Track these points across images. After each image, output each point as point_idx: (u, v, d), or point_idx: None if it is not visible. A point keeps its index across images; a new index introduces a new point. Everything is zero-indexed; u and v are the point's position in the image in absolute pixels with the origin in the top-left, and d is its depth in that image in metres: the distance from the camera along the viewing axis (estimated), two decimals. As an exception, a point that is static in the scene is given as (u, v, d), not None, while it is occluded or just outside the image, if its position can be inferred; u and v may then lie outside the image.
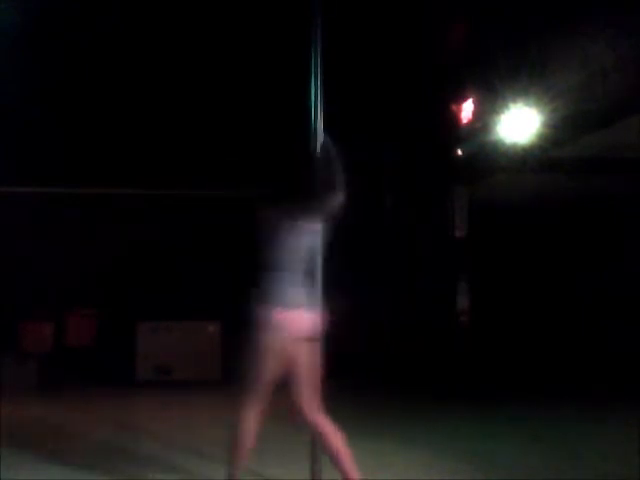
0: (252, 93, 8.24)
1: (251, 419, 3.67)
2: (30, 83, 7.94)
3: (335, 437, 3.58)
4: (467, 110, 7.67)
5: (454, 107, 7.87)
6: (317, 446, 3.78)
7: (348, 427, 5.36)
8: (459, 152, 8.19)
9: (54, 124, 8.56)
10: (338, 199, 3.55)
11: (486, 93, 7.24)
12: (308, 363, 3.55)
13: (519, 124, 6.86)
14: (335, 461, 3.58)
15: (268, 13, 7.41)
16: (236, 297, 9.50)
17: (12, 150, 8.10)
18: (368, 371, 8.36)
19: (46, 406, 7.14)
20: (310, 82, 3.80)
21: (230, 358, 8.59)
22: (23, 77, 7.79)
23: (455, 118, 7.86)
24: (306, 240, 3.57)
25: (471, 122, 7.66)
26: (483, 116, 7.44)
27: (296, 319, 3.48)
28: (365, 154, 8.34)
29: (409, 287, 9.31)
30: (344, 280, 8.25)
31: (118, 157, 8.92)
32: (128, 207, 9.45)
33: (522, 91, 6.63)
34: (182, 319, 8.65)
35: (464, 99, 7.68)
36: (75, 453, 4.87)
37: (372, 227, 9.26)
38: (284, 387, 3.73)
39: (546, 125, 6.67)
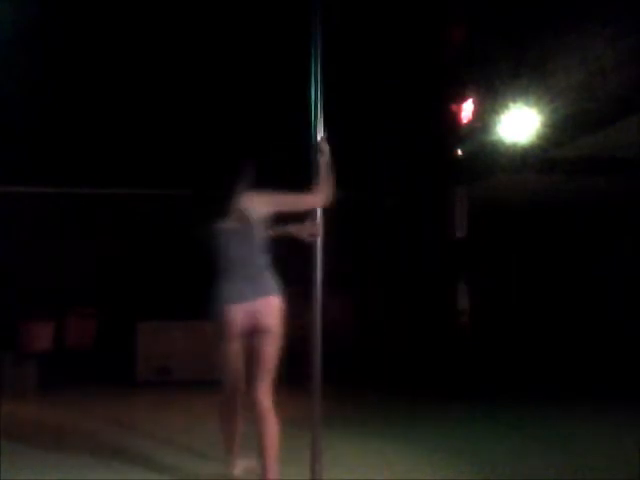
0: (252, 93, 8.24)
1: None
2: (30, 83, 7.94)
3: (273, 429, 3.71)
4: (467, 110, 7.67)
5: (454, 107, 7.87)
6: (317, 446, 3.78)
7: (349, 427, 5.38)
8: (459, 152, 8.19)
9: (54, 124, 8.57)
10: None
11: (486, 93, 7.24)
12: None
13: (519, 124, 6.86)
14: (262, 453, 3.73)
15: (268, 13, 7.41)
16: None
17: (12, 150, 8.10)
18: (368, 371, 8.36)
19: (46, 406, 7.14)
20: (310, 82, 3.80)
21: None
22: (23, 77, 7.79)
23: (455, 118, 7.85)
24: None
25: (471, 122, 7.66)
26: (483, 116, 7.43)
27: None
28: (364, 154, 8.34)
29: (409, 287, 9.31)
30: (344, 280, 8.27)
31: (118, 157, 8.93)
32: (128, 207, 9.45)
33: (522, 91, 6.62)
34: (182, 319, 8.65)
35: (464, 99, 7.68)
36: (75, 453, 4.86)
37: (372, 227, 9.26)
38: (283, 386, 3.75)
39: (546, 125, 6.67)
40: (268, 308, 3.79)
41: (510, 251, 9.79)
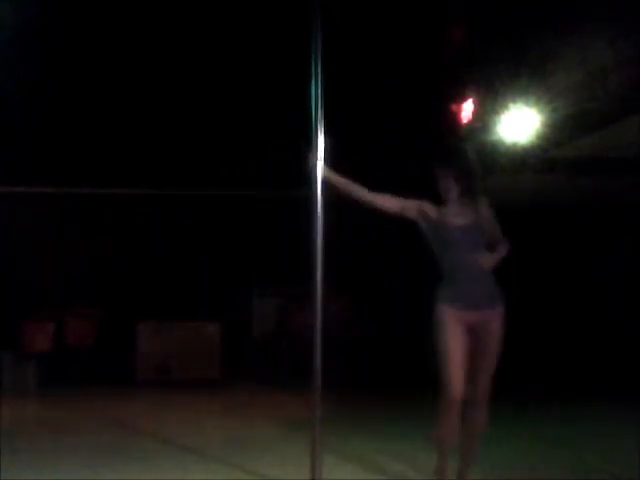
0: (252, 94, 8.24)
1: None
2: (30, 83, 7.93)
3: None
4: (467, 110, 7.67)
5: (454, 107, 7.86)
6: (317, 446, 3.78)
7: (348, 427, 5.38)
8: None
9: (54, 124, 8.56)
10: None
11: (486, 93, 7.23)
12: None
13: (519, 124, 6.86)
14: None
15: (268, 12, 7.40)
16: (236, 297, 9.44)
17: (12, 150, 8.10)
18: (369, 371, 8.36)
19: (46, 406, 7.15)
20: (310, 82, 3.80)
21: (230, 358, 8.64)
22: (23, 77, 7.79)
23: (455, 118, 7.85)
24: None
25: (471, 122, 7.65)
26: (483, 116, 7.43)
27: None
28: (364, 155, 8.34)
29: (409, 287, 9.31)
30: (344, 280, 8.27)
31: (118, 157, 8.92)
32: (128, 207, 9.46)
33: (522, 91, 6.62)
34: (182, 319, 8.66)
35: (464, 99, 7.68)
36: (75, 453, 4.87)
37: (372, 227, 9.25)
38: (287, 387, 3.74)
39: (546, 125, 6.67)
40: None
41: (509, 251, 9.76)
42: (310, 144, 3.78)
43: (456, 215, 3.70)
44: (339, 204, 3.84)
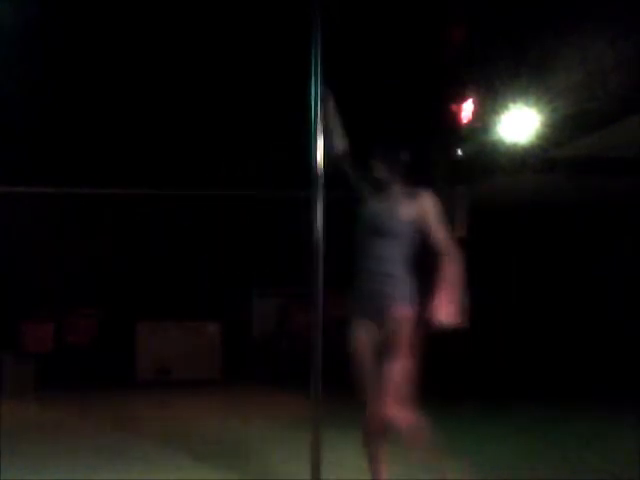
0: (252, 94, 8.24)
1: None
2: (30, 83, 7.94)
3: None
4: (467, 110, 7.67)
5: (454, 107, 7.86)
6: (317, 446, 3.78)
7: (349, 427, 5.37)
8: (459, 152, 8.19)
9: (54, 124, 8.56)
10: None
11: (486, 93, 7.23)
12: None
13: (519, 124, 6.86)
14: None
15: (269, 12, 7.41)
16: (236, 297, 9.41)
17: (12, 150, 8.10)
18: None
19: (46, 406, 7.14)
20: (310, 82, 3.80)
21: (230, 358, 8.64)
22: (23, 77, 7.79)
23: (455, 118, 7.85)
24: None
25: (471, 122, 7.65)
26: (483, 116, 7.43)
27: None
28: (364, 155, 8.33)
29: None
30: (344, 280, 8.27)
31: (118, 157, 8.93)
32: (128, 207, 9.46)
33: (522, 91, 6.62)
34: (182, 319, 8.66)
35: (464, 99, 7.68)
36: (75, 453, 4.87)
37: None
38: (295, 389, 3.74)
39: (546, 125, 6.67)
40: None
41: (510, 251, 9.78)
42: (310, 144, 3.78)
43: (380, 200, 3.61)
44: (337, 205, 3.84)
